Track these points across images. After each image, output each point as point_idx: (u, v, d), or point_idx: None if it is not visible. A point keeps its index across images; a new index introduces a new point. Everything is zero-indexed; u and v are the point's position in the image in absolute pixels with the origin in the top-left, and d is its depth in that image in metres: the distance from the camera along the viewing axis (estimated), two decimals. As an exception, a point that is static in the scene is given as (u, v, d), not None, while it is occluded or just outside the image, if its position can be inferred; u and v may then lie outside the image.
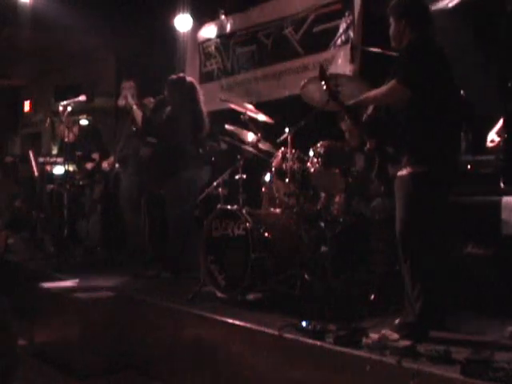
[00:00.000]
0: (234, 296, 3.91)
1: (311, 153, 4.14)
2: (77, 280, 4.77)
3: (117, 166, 5.99)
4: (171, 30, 7.16)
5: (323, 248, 4.07)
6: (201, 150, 5.04)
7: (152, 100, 5.17)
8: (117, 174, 6.05)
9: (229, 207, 4.12)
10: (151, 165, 5.38)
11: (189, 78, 5.31)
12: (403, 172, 3.09)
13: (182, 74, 5.37)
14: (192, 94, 5.08)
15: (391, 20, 3.31)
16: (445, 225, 3.17)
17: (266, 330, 3.19)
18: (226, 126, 4.69)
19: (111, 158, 6.16)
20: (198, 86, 5.25)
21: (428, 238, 3.06)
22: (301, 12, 5.85)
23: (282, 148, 4.32)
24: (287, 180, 4.13)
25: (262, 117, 4.59)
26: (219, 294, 4.00)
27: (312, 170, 4.08)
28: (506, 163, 3.49)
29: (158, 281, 4.89)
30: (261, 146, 4.59)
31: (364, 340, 2.82)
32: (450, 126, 3.14)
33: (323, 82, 3.47)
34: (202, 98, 5.13)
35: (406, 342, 2.71)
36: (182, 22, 7.03)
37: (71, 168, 6.18)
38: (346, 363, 2.76)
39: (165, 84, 5.13)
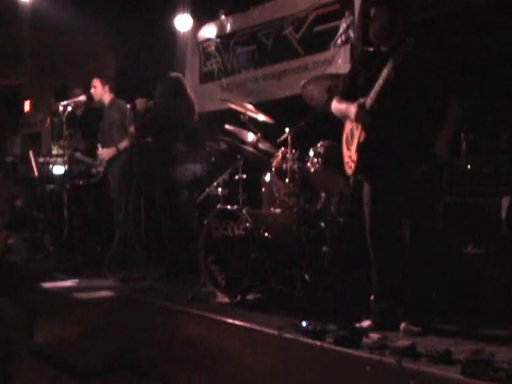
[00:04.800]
0: (234, 296, 3.91)
1: (311, 153, 4.14)
2: (77, 280, 4.77)
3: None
4: (171, 30, 7.16)
5: (323, 248, 4.07)
6: (200, 141, 5.06)
7: (146, 102, 5.17)
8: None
9: (229, 207, 4.12)
10: (142, 166, 5.41)
11: (174, 74, 5.29)
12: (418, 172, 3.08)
13: (168, 72, 5.35)
14: (178, 87, 5.05)
15: (377, 12, 3.16)
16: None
17: (266, 330, 3.19)
18: (226, 126, 4.69)
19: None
20: (184, 80, 5.26)
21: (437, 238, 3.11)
22: (301, 12, 5.85)
23: (282, 148, 4.32)
24: (287, 180, 4.13)
25: (261, 117, 4.59)
26: (219, 294, 4.00)
27: (312, 170, 4.09)
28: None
29: (158, 281, 4.89)
30: (261, 145, 4.59)
31: (364, 340, 2.82)
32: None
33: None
34: (190, 91, 5.13)
35: (406, 342, 2.71)
36: (182, 22, 7.04)
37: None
38: (346, 363, 2.76)
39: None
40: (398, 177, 3.12)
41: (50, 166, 6.97)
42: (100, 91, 5.83)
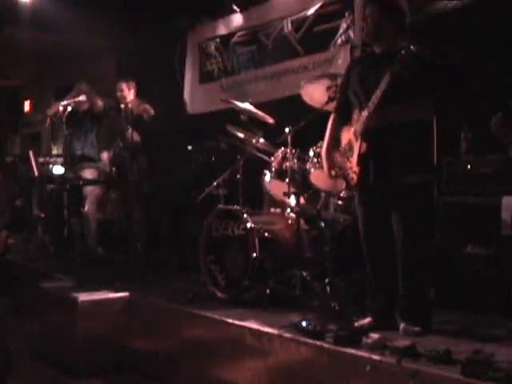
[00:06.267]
0: (233, 296, 3.91)
1: (311, 153, 4.14)
2: (77, 280, 4.77)
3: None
4: (171, 30, 7.16)
5: (323, 248, 4.07)
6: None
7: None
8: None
9: (229, 207, 4.12)
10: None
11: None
12: (416, 179, 3.07)
13: None
14: None
15: (371, 10, 3.15)
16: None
17: (266, 330, 3.19)
18: (226, 126, 4.69)
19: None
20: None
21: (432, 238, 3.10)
22: (301, 12, 5.84)
23: (282, 148, 4.32)
24: (287, 180, 4.13)
25: (262, 116, 4.58)
26: (219, 294, 4.00)
27: (312, 170, 4.08)
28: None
29: (158, 281, 4.89)
30: (261, 145, 4.59)
31: (364, 340, 2.82)
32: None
33: None
34: None
35: (405, 342, 2.71)
36: (182, 22, 7.04)
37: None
38: (346, 363, 2.76)
39: None
40: (392, 185, 3.11)
41: (50, 165, 6.97)
42: (127, 94, 5.85)
